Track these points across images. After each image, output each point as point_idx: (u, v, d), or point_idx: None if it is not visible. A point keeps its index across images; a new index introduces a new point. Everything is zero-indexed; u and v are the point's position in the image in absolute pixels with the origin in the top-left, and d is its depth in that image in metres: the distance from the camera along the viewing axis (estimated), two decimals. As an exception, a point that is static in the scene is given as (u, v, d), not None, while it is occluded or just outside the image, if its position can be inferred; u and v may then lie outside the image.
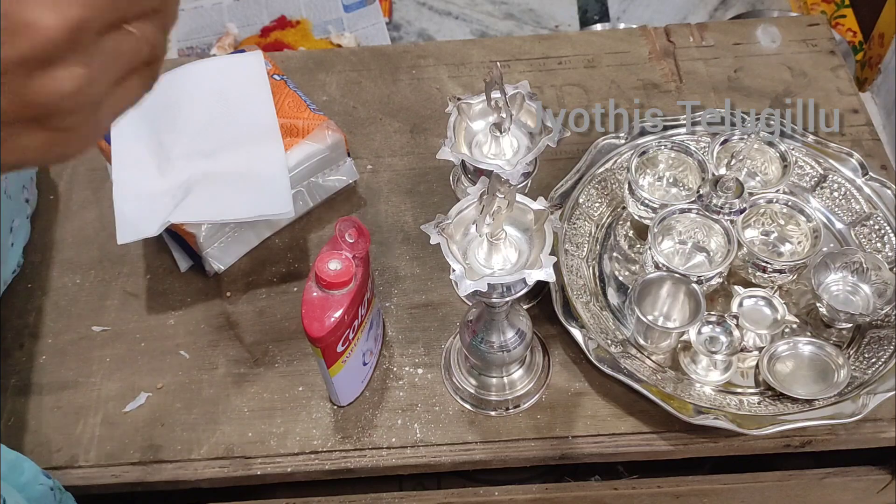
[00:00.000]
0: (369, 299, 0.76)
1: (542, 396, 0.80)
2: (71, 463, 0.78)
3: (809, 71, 1.03)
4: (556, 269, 0.81)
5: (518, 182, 0.72)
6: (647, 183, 0.87)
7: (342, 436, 0.79)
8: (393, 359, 0.84)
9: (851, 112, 0.99)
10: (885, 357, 0.78)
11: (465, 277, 0.60)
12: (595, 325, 0.81)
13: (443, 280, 0.88)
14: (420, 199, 0.94)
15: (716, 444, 0.78)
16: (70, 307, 0.88)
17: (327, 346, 0.71)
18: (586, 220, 0.88)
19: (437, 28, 1.90)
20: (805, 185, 0.89)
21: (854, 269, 0.81)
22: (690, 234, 0.83)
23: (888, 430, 0.78)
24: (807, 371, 0.78)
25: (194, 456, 0.78)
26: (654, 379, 0.77)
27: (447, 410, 0.80)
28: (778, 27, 1.08)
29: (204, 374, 0.83)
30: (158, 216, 0.80)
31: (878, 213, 0.86)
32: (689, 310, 0.78)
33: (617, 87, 1.03)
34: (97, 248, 0.91)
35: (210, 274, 0.88)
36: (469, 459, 0.78)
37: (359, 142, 0.99)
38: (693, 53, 1.05)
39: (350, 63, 1.06)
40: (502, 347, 0.74)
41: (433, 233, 0.62)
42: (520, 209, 0.64)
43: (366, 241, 0.72)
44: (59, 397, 0.82)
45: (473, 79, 1.04)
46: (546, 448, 0.78)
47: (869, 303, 0.80)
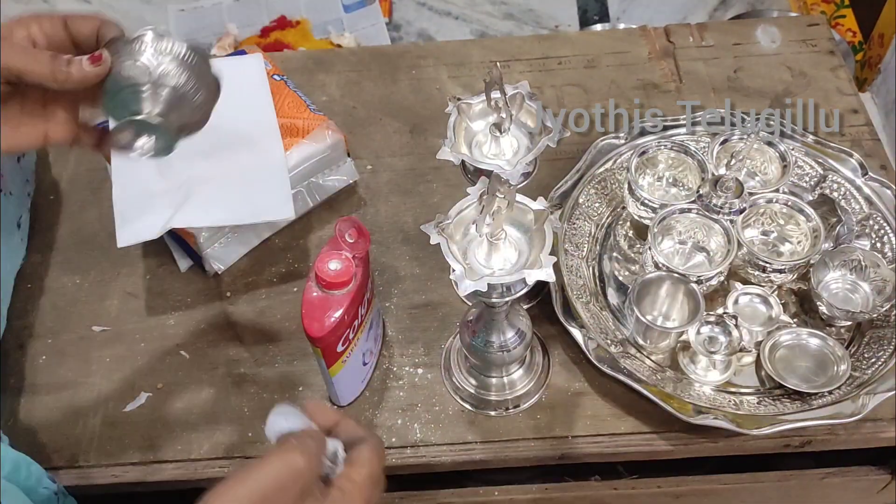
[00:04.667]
0: (369, 299, 0.76)
1: (542, 396, 0.80)
2: (71, 463, 0.78)
3: (809, 71, 1.03)
4: (556, 269, 0.81)
5: (518, 182, 0.71)
6: (647, 183, 0.87)
7: (342, 436, 0.79)
8: (393, 359, 0.84)
9: (851, 112, 0.99)
10: (885, 357, 0.78)
11: (465, 277, 0.60)
12: (595, 325, 0.81)
13: (443, 280, 0.88)
14: (420, 199, 0.94)
15: (716, 444, 0.78)
16: (70, 307, 0.88)
17: (327, 346, 0.71)
18: (586, 220, 0.88)
19: (437, 28, 1.90)
20: (805, 185, 0.89)
21: (853, 266, 0.81)
22: (690, 234, 0.83)
23: (888, 430, 0.78)
24: (807, 363, 0.78)
25: (194, 456, 0.78)
26: (653, 379, 0.77)
27: (447, 410, 0.80)
28: (778, 27, 1.08)
29: (204, 374, 0.83)
30: (158, 219, 0.80)
31: (877, 213, 0.86)
32: (689, 310, 0.78)
33: (617, 87, 1.03)
34: (97, 248, 0.91)
35: (210, 274, 0.88)
36: (469, 459, 0.78)
37: (359, 142, 0.99)
38: (693, 53, 1.05)
39: (350, 63, 1.06)
40: (502, 347, 0.74)
41: (433, 233, 0.62)
42: (520, 209, 0.64)
43: (366, 241, 0.73)
44: (59, 397, 0.82)
45: (473, 79, 1.04)
46: (546, 448, 0.78)
47: (868, 301, 0.80)
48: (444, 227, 0.62)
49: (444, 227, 0.62)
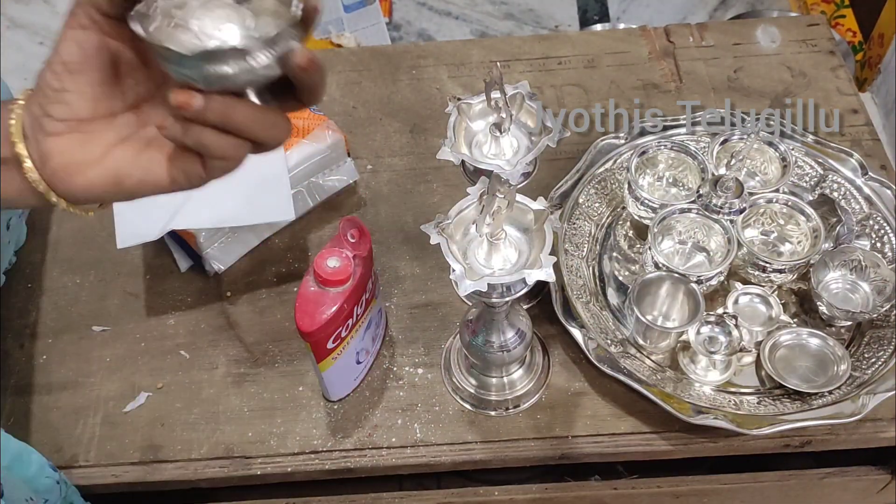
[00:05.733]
0: (368, 299, 0.75)
1: (542, 396, 0.80)
2: (71, 463, 0.78)
3: (809, 71, 1.03)
4: (556, 269, 0.81)
5: (518, 182, 0.71)
6: (647, 183, 0.87)
7: (342, 436, 0.79)
8: (393, 359, 0.84)
9: (851, 112, 0.99)
10: (885, 357, 0.78)
11: (465, 277, 0.60)
12: (595, 325, 0.81)
13: (443, 280, 0.88)
14: (420, 199, 0.94)
15: (716, 444, 0.78)
16: (70, 307, 0.88)
17: (317, 341, 0.71)
18: (586, 220, 0.88)
19: (437, 28, 1.90)
20: (805, 185, 0.89)
21: (853, 266, 0.81)
22: (690, 234, 0.83)
23: (888, 430, 0.78)
24: (807, 363, 0.78)
25: (194, 456, 0.78)
26: (653, 379, 0.77)
27: (447, 410, 0.80)
28: (778, 27, 1.08)
29: (204, 374, 0.83)
30: (158, 220, 0.80)
31: (877, 213, 0.86)
32: (689, 310, 0.78)
33: (617, 87, 1.03)
34: (97, 248, 0.91)
35: (210, 274, 0.88)
36: (469, 459, 0.78)
37: (359, 142, 0.99)
38: (693, 53, 1.05)
39: (350, 63, 1.06)
40: (502, 347, 0.74)
41: (433, 233, 0.62)
42: (520, 209, 0.64)
43: (367, 241, 0.73)
44: (59, 397, 0.82)
45: (473, 79, 1.04)
46: (546, 448, 0.78)
47: (868, 301, 0.80)
48: (444, 227, 0.62)
49: (444, 227, 0.62)
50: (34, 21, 1.93)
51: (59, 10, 1.89)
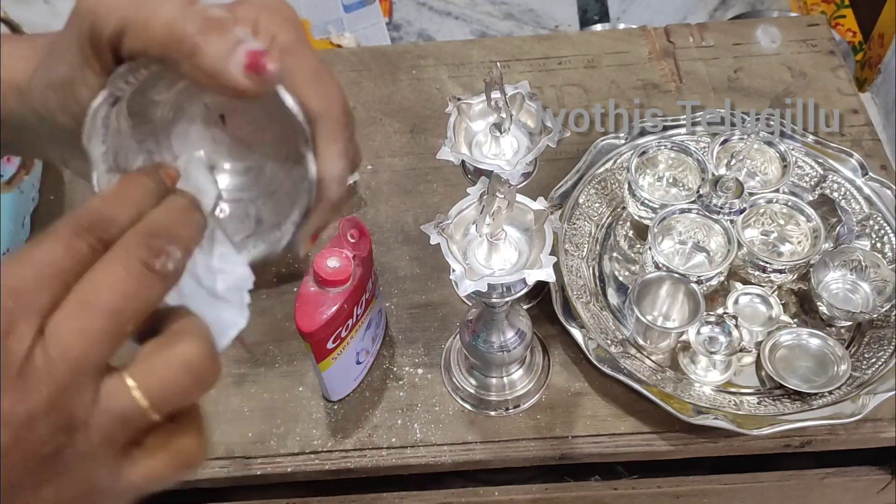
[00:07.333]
0: (368, 300, 0.75)
1: (542, 396, 0.80)
2: (71, 463, 0.78)
3: (809, 71, 1.03)
4: (556, 269, 0.81)
5: (518, 182, 0.71)
6: (647, 183, 0.87)
7: (342, 436, 0.79)
8: (393, 359, 0.84)
9: (851, 112, 0.99)
10: (885, 357, 0.78)
11: (465, 277, 0.60)
12: (595, 325, 0.81)
13: (443, 280, 0.88)
14: (420, 199, 0.94)
15: (716, 444, 0.78)
16: (70, 307, 0.88)
17: (317, 341, 0.71)
18: (586, 220, 0.88)
19: (437, 28, 1.90)
20: (805, 185, 0.89)
21: (853, 267, 0.81)
22: (690, 234, 0.83)
23: (888, 430, 0.78)
24: (807, 363, 0.78)
25: (194, 456, 0.78)
26: (653, 379, 0.77)
27: (447, 410, 0.80)
28: (778, 27, 1.08)
29: (204, 374, 0.83)
30: None
31: (877, 213, 0.86)
32: (689, 310, 0.78)
33: (617, 87, 1.03)
34: (97, 248, 0.91)
35: (210, 274, 0.88)
36: (469, 459, 0.78)
37: (359, 142, 0.98)
38: (693, 53, 1.05)
39: (350, 63, 1.06)
40: (502, 347, 0.74)
41: (433, 233, 0.62)
42: (520, 209, 0.64)
43: (367, 241, 0.73)
44: (59, 397, 0.82)
45: (473, 79, 1.04)
46: (546, 448, 0.78)
47: (868, 301, 0.80)
48: (444, 227, 0.62)
49: (444, 227, 0.62)
50: (34, 21, 1.93)
51: (59, 10, 1.89)
